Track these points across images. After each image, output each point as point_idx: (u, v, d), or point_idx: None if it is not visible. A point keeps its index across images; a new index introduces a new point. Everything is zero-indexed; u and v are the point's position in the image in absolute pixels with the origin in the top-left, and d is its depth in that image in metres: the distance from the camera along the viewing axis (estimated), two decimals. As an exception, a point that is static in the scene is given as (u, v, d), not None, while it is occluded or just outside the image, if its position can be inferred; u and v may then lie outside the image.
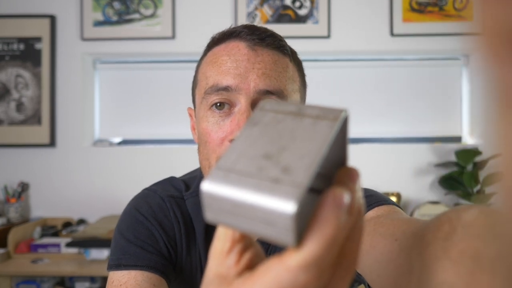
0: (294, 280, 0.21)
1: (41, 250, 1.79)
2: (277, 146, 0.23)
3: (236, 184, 0.22)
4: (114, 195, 2.05)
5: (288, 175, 0.21)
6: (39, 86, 2.08)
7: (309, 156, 0.22)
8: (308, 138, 0.23)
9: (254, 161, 0.23)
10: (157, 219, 0.68)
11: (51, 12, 2.10)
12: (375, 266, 0.43)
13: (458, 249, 0.28)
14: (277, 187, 0.21)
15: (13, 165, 2.09)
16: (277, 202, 0.20)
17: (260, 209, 0.21)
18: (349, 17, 2.06)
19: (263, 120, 0.25)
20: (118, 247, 0.66)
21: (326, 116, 0.24)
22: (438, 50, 2.06)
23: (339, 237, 0.21)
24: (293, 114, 0.25)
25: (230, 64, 0.60)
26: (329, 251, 0.21)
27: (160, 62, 2.15)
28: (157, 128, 2.15)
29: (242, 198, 0.21)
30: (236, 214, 0.22)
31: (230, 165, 0.23)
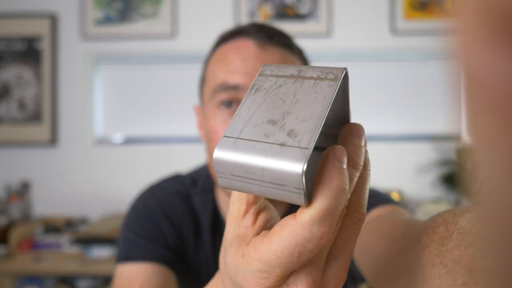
0: (309, 235, 0.22)
1: (43, 248, 1.80)
2: (281, 111, 0.24)
3: (245, 150, 0.23)
4: (116, 194, 2.05)
5: (294, 138, 0.22)
6: (40, 85, 2.08)
7: (312, 118, 0.23)
8: (310, 100, 0.24)
9: (260, 127, 0.24)
10: (165, 214, 0.68)
11: (52, 11, 2.10)
12: (374, 266, 0.44)
13: (453, 257, 0.29)
14: (285, 150, 0.22)
15: (15, 164, 2.10)
16: (286, 163, 0.21)
17: (271, 172, 0.22)
18: (350, 15, 2.06)
19: (264, 85, 0.26)
20: (126, 241, 0.66)
21: (326, 76, 0.24)
22: (440, 48, 2.06)
23: (345, 189, 0.23)
24: (293, 77, 0.26)
25: (238, 63, 0.60)
26: (337, 203, 0.22)
27: (161, 62, 2.15)
28: (159, 127, 2.15)
29: (253, 162, 0.22)
30: (248, 178, 0.23)
31: (238, 133, 0.24)
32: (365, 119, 2.11)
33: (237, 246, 0.26)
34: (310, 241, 0.22)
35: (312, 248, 0.22)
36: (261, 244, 0.24)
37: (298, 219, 0.22)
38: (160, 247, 0.65)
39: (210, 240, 0.69)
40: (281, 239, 0.23)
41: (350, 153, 0.25)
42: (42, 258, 1.74)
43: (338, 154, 0.23)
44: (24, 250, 1.79)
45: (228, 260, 0.26)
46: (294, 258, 0.23)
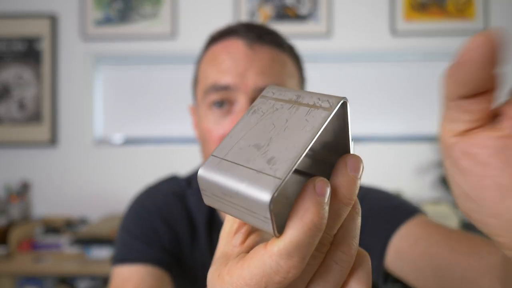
0: (275, 266, 0.21)
1: (43, 249, 1.80)
2: (268, 136, 0.24)
3: (226, 172, 0.23)
4: (116, 194, 2.05)
5: (272, 166, 0.22)
6: (40, 85, 2.08)
7: (295, 148, 0.22)
8: (299, 128, 0.23)
9: (245, 150, 0.23)
10: (161, 215, 0.69)
11: (52, 11, 2.10)
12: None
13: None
14: (260, 177, 0.21)
15: (15, 164, 2.10)
16: (255, 191, 0.21)
17: (243, 197, 0.21)
18: (350, 16, 2.06)
19: (262, 108, 0.26)
20: (123, 242, 0.67)
21: (321, 104, 0.24)
22: (439, 49, 2.06)
23: (320, 224, 0.21)
24: (291, 102, 0.25)
25: (229, 63, 0.60)
26: (309, 238, 0.21)
27: (161, 63, 2.15)
28: (159, 128, 2.15)
29: (229, 185, 0.22)
30: (226, 200, 0.23)
31: (224, 154, 0.24)
32: (365, 119, 2.11)
33: (219, 264, 0.25)
34: (277, 274, 0.21)
35: (279, 281, 0.21)
36: (235, 267, 0.23)
37: (268, 248, 0.21)
38: (156, 249, 0.65)
39: (206, 240, 0.69)
40: (251, 266, 0.22)
41: (342, 186, 0.23)
42: (42, 258, 1.74)
43: (319, 186, 0.21)
44: (24, 251, 1.79)
45: (209, 276, 0.25)
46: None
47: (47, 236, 1.84)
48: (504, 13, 2.03)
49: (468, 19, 2.03)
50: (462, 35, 2.04)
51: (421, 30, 2.04)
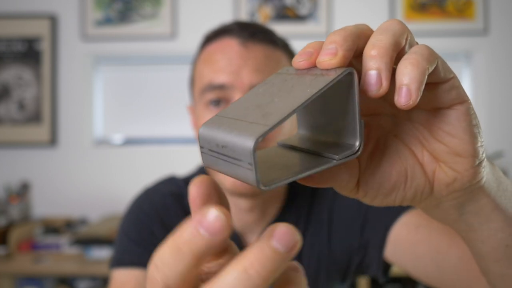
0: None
1: (42, 249, 1.80)
2: (271, 98, 0.24)
3: (223, 126, 0.23)
4: (116, 194, 2.05)
5: (265, 118, 0.22)
6: (40, 86, 2.08)
7: (290, 104, 0.23)
8: (300, 90, 0.24)
9: (247, 109, 0.24)
10: (159, 217, 0.69)
11: (52, 12, 2.10)
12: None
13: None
14: (250, 127, 0.22)
15: (14, 165, 2.10)
16: (242, 137, 0.21)
17: (231, 145, 0.22)
18: (350, 16, 2.06)
19: (272, 80, 0.27)
20: (121, 245, 0.68)
21: (329, 73, 0.24)
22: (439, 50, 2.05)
23: (266, 278, 0.18)
24: (302, 73, 0.25)
25: (223, 62, 0.61)
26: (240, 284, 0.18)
27: (161, 63, 2.15)
28: (159, 128, 2.15)
29: (221, 136, 0.23)
30: (218, 153, 0.23)
31: (227, 113, 0.25)
32: (364, 120, 2.11)
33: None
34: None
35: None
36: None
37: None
38: (153, 253, 0.64)
39: None
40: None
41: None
42: (41, 258, 1.74)
43: (279, 234, 0.18)
44: (23, 251, 1.79)
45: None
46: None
47: (47, 237, 1.84)
48: (504, 13, 2.03)
49: (468, 19, 2.03)
50: (462, 35, 2.04)
51: (421, 31, 2.04)
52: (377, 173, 0.28)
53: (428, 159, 0.28)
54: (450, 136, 0.26)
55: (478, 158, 0.26)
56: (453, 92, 0.25)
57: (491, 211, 0.30)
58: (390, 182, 0.28)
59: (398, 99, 0.23)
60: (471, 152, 0.26)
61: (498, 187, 0.31)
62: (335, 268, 0.70)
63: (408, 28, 0.25)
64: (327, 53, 0.23)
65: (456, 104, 0.26)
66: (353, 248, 0.69)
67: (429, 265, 0.56)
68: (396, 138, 0.29)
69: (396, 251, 0.62)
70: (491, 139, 2.02)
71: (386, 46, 0.23)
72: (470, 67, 2.08)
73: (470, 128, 0.26)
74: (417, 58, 0.23)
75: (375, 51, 0.23)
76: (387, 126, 0.29)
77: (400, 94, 0.22)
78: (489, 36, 2.03)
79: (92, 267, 1.68)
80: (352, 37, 0.24)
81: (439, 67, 0.24)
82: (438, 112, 0.26)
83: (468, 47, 2.05)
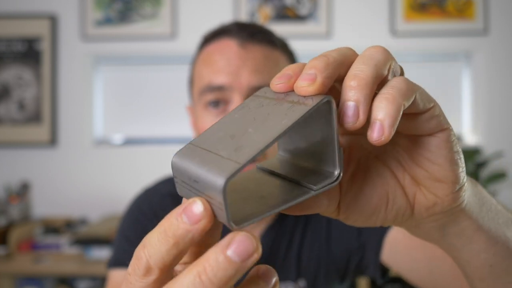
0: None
1: (42, 249, 1.80)
2: (246, 128, 0.23)
3: (195, 158, 0.22)
4: (116, 195, 2.05)
5: (237, 153, 0.21)
6: (40, 86, 2.08)
7: (264, 137, 0.22)
8: (276, 121, 0.23)
9: (221, 140, 0.23)
10: (157, 217, 0.69)
11: (52, 12, 2.10)
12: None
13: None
14: (222, 162, 0.21)
15: (14, 165, 2.10)
16: (213, 175, 0.21)
17: (203, 182, 0.21)
18: (350, 16, 2.06)
19: (249, 104, 0.26)
20: (119, 246, 0.68)
21: (305, 101, 0.23)
22: (439, 50, 2.06)
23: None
24: (278, 99, 0.25)
25: (222, 63, 0.62)
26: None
27: (161, 63, 2.15)
28: (159, 128, 2.15)
29: (193, 170, 0.22)
30: (192, 187, 0.22)
31: (200, 142, 0.24)
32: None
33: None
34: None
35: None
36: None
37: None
38: None
39: None
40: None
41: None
42: (41, 258, 1.74)
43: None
44: (23, 251, 1.79)
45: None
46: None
47: (47, 237, 1.84)
48: (504, 13, 2.03)
49: (468, 19, 2.03)
50: (462, 35, 2.04)
51: (421, 31, 2.04)
52: (358, 197, 0.28)
53: (409, 182, 0.28)
54: (430, 163, 0.26)
55: (458, 184, 0.26)
56: (433, 121, 0.25)
57: (473, 233, 0.30)
58: (371, 206, 0.28)
59: (371, 134, 0.22)
60: (451, 179, 0.26)
61: (480, 208, 0.31)
62: (334, 268, 0.71)
63: (391, 56, 0.25)
64: (306, 79, 0.23)
65: (437, 132, 0.25)
66: (352, 249, 0.69)
67: (423, 270, 0.57)
68: (377, 160, 0.29)
69: (392, 254, 0.63)
70: (491, 139, 2.02)
71: (367, 77, 0.23)
72: (470, 67, 2.08)
73: (451, 155, 0.26)
74: (393, 94, 0.22)
75: (355, 82, 0.23)
76: (368, 147, 0.29)
77: (373, 129, 0.22)
78: (489, 36, 2.03)
79: (92, 267, 1.68)
80: (334, 64, 0.24)
81: (417, 100, 0.24)
82: (419, 139, 0.26)
83: (468, 47, 2.05)
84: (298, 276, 0.69)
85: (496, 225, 0.32)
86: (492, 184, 1.89)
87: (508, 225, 0.33)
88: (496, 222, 0.32)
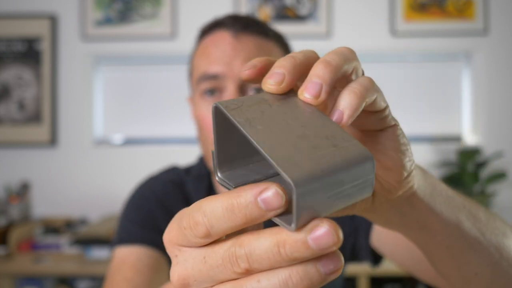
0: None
1: (42, 249, 1.80)
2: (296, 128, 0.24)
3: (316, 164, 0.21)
4: (116, 194, 2.05)
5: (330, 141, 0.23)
6: (40, 86, 2.08)
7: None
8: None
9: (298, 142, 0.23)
10: (159, 200, 0.73)
11: (52, 12, 2.10)
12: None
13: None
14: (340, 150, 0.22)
15: (14, 165, 2.10)
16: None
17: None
18: (350, 16, 2.06)
19: (246, 116, 0.23)
20: (121, 227, 0.72)
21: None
22: (439, 50, 2.06)
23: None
24: (259, 102, 0.24)
25: (217, 54, 0.65)
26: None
27: (161, 63, 2.15)
28: (159, 128, 2.15)
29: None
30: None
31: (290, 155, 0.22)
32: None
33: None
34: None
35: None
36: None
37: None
38: (152, 232, 0.68)
39: None
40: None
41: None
42: (41, 258, 1.74)
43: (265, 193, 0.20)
44: (23, 251, 1.79)
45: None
46: None
47: (47, 237, 1.84)
48: (504, 13, 2.03)
49: (468, 19, 2.03)
50: (462, 35, 2.04)
51: (421, 31, 2.04)
52: None
53: None
54: (381, 153, 0.29)
55: (406, 170, 0.30)
56: (385, 119, 0.28)
57: (426, 215, 0.34)
58: None
59: (330, 117, 0.24)
60: (399, 167, 0.29)
61: (431, 192, 0.34)
62: None
63: (357, 58, 0.27)
64: (274, 78, 0.25)
65: (387, 128, 0.29)
66: (346, 232, 0.72)
67: (406, 255, 0.61)
68: None
69: (379, 238, 0.67)
70: (491, 139, 2.02)
71: (337, 65, 0.25)
72: (470, 67, 2.08)
73: (398, 146, 0.29)
74: (360, 89, 0.25)
75: (326, 66, 0.24)
76: None
77: (333, 114, 0.24)
78: (489, 36, 2.03)
79: (92, 267, 1.68)
80: (300, 66, 0.25)
81: (377, 100, 0.27)
82: (372, 134, 0.29)
83: (468, 47, 2.05)
84: None
85: (448, 208, 0.35)
86: (492, 184, 1.89)
87: (460, 208, 0.36)
88: (448, 205, 0.35)
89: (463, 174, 1.88)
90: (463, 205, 0.37)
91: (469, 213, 0.37)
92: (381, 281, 1.80)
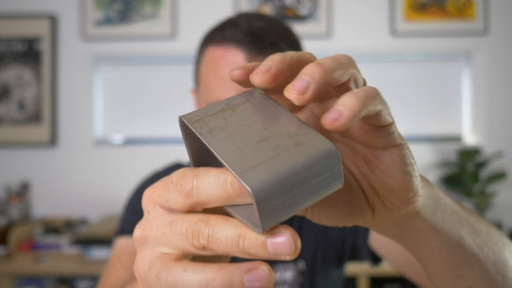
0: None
1: (42, 249, 1.80)
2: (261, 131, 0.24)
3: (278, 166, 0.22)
4: (116, 194, 2.05)
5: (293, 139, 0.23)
6: (40, 86, 2.08)
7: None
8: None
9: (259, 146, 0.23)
10: None
11: (52, 12, 2.10)
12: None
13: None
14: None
15: (14, 165, 2.10)
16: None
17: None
18: (350, 16, 2.06)
19: (210, 126, 0.24)
20: (126, 219, 0.74)
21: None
22: (439, 50, 2.06)
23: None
24: (221, 110, 0.25)
25: (229, 81, 0.60)
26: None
27: (161, 63, 2.15)
28: (159, 128, 2.15)
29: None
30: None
31: (250, 164, 0.22)
32: (364, 120, 2.11)
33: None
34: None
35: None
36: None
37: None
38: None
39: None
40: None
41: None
42: (41, 258, 1.74)
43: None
44: (23, 251, 1.79)
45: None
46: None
47: (47, 237, 1.84)
48: (504, 13, 2.03)
49: (468, 19, 2.03)
50: (462, 35, 2.04)
51: (421, 31, 2.04)
52: (324, 200, 0.29)
53: (369, 189, 0.29)
54: (384, 174, 0.27)
55: (412, 192, 0.28)
56: (389, 137, 0.26)
57: (427, 232, 0.33)
58: (337, 209, 0.29)
59: (327, 115, 0.22)
60: (405, 188, 0.27)
61: (435, 209, 0.33)
62: (331, 250, 0.73)
63: (356, 66, 0.26)
64: (261, 70, 0.24)
65: (391, 147, 0.26)
66: (346, 231, 0.72)
67: (399, 255, 0.61)
68: (343, 167, 0.30)
69: (376, 239, 0.67)
70: (491, 139, 2.02)
71: (329, 68, 0.23)
72: (470, 67, 2.08)
73: (404, 167, 0.27)
74: (364, 94, 0.23)
75: (317, 66, 0.23)
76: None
77: (331, 112, 0.22)
78: (489, 36, 2.03)
79: (92, 267, 1.68)
80: (290, 61, 0.25)
81: (382, 113, 0.24)
82: (375, 152, 0.27)
83: (468, 47, 2.05)
84: (297, 257, 0.71)
85: (451, 224, 0.34)
86: (492, 184, 1.89)
87: (463, 224, 0.35)
88: (451, 222, 0.34)
89: (463, 174, 1.88)
90: (467, 220, 0.36)
91: (471, 229, 0.36)
92: (381, 281, 1.80)
